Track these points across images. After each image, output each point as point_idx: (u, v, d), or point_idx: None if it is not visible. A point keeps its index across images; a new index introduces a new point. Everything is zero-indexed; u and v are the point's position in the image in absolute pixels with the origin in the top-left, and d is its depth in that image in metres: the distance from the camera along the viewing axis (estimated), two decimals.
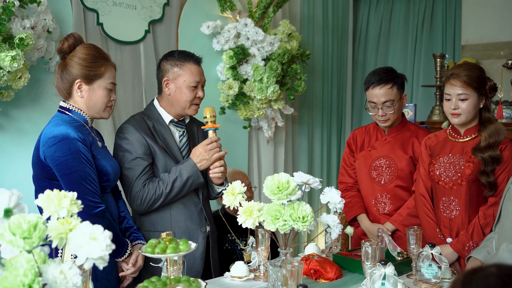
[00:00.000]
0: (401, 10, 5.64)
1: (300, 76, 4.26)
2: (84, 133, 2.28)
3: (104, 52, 2.41)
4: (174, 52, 2.73)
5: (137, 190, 2.52)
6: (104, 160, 2.33)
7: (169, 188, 2.53)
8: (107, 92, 2.35)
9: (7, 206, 1.31)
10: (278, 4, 4.12)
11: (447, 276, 2.31)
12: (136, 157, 2.53)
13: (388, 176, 3.00)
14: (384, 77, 2.94)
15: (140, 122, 2.63)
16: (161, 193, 2.52)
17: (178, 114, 2.70)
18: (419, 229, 2.34)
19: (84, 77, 2.31)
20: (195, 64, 2.67)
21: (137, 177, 2.52)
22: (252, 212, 2.04)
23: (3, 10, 2.60)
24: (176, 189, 2.54)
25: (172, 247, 1.69)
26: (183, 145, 2.71)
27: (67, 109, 2.34)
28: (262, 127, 4.34)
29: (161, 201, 2.54)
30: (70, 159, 2.17)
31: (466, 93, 2.56)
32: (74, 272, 1.29)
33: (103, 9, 3.39)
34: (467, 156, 2.60)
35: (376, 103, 2.94)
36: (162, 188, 2.52)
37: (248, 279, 2.31)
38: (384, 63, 5.58)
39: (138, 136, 2.56)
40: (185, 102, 2.64)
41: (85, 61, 2.30)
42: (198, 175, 2.57)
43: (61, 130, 2.21)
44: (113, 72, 2.39)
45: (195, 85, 2.64)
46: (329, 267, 2.34)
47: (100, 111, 2.36)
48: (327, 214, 2.20)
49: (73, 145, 2.18)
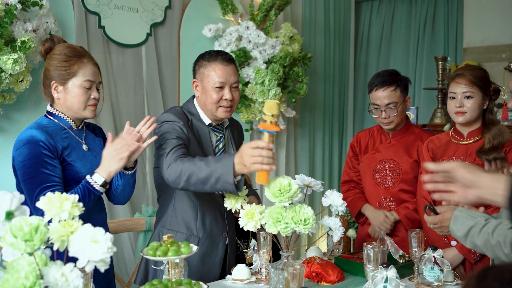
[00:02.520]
0: (403, 13, 5.64)
1: (301, 79, 4.27)
2: (59, 137, 2.19)
3: (80, 50, 2.26)
4: (207, 52, 2.57)
5: (169, 163, 2.24)
6: (81, 166, 2.23)
7: (196, 170, 2.17)
8: (84, 91, 2.21)
9: (9, 209, 1.31)
10: (280, 7, 4.13)
11: (449, 279, 2.30)
12: (172, 137, 2.34)
13: (392, 180, 2.99)
14: (387, 79, 2.94)
15: (180, 113, 2.47)
16: (191, 171, 2.18)
17: (213, 118, 2.52)
18: (421, 232, 2.33)
19: (58, 77, 2.21)
20: (221, 63, 2.47)
21: (169, 151, 2.28)
22: (254, 215, 2.04)
23: (5, 13, 2.61)
24: (203, 174, 2.15)
25: (173, 250, 1.69)
26: (219, 151, 2.55)
27: (51, 113, 2.26)
28: None
29: (186, 179, 2.19)
30: (28, 164, 2.09)
31: (471, 91, 2.57)
32: (76, 274, 1.29)
33: (105, 12, 3.40)
34: (471, 158, 2.60)
35: (380, 105, 2.94)
36: (193, 167, 2.17)
37: (250, 282, 2.30)
38: (386, 66, 5.58)
39: (178, 121, 2.40)
40: (211, 105, 2.46)
41: (57, 61, 2.21)
42: (227, 177, 2.09)
43: (27, 134, 2.13)
44: (90, 70, 2.24)
45: (220, 85, 2.44)
46: (331, 270, 2.34)
47: (79, 110, 2.23)
48: (329, 216, 2.19)
49: (34, 149, 2.09)
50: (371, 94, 2.99)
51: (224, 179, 2.08)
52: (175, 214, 2.50)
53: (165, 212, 2.52)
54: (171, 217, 2.50)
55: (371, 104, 3.00)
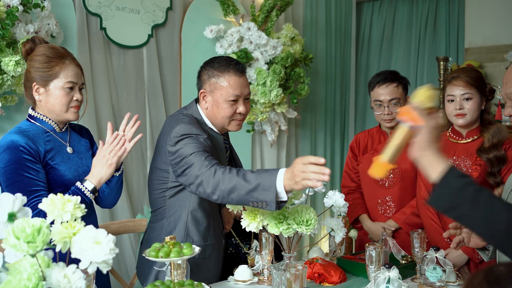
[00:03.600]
0: (404, 13, 5.64)
1: (303, 79, 4.26)
2: (41, 141, 2.15)
3: (61, 51, 2.20)
4: (215, 59, 2.39)
5: (203, 171, 2.04)
6: (65, 169, 2.19)
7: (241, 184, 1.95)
8: (65, 92, 2.16)
9: (11, 210, 1.31)
10: (281, 8, 4.13)
11: (451, 279, 2.29)
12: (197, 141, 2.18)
13: (392, 179, 2.99)
14: (389, 77, 3.00)
15: (194, 120, 2.31)
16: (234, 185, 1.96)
17: (221, 129, 2.41)
18: (424, 232, 2.33)
19: (39, 79, 2.15)
20: (235, 74, 2.31)
21: (197, 153, 2.10)
22: (256, 216, 2.03)
23: (7, 15, 2.61)
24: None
25: (175, 251, 1.69)
26: (226, 159, 2.50)
27: (32, 116, 2.22)
28: (266, 130, 4.34)
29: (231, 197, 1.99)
30: (9, 170, 2.05)
31: (470, 92, 2.58)
32: (78, 276, 1.29)
33: (106, 14, 3.40)
34: (472, 158, 2.60)
35: (382, 101, 2.96)
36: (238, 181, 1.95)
37: (252, 283, 2.30)
38: (387, 66, 5.57)
39: (202, 134, 2.24)
40: (223, 119, 2.33)
41: (38, 62, 2.15)
42: (268, 192, 1.88)
43: (7, 139, 2.09)
44: (72, 71, 2.17)
45: (235, 98, 2.30)
46: (333, 270, 2.34)
47: (61, 113, 2.18)
48: (331, 217, 2.19)
49: (14, 154, 2.06)
50: (373, 92, 3.02)
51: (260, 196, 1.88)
52: (187, 228, 2.35)
53: (173, 229, 2.36)
54: (183, 231, 2.36)
55: (373, 101, 3.01)
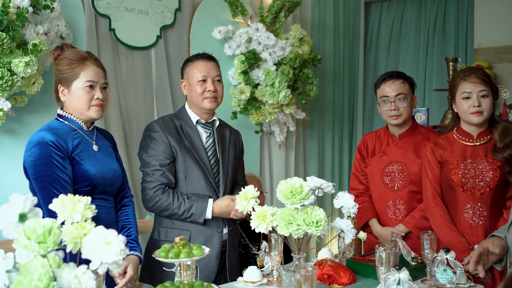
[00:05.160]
0: (412, 13, 5.62)
1: (311, 80, 4.26)
2: (69, 138, 2.26)
3: (83, 53, 2.35)
4: (190, 55, 2.83)
5: (148, 193, 2.62)
6: (90, 165, 2.29)
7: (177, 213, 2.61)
8: (86, 91, 2.29)
9: (22, 211, 1.31)
10: (289, 9, 4.12)
11: (462, 281, 2.28)
12: (153, 162, 2.62)
13: (401, 182, 2.96)
14: (395, 74, 3.00)
15: (167, 122, 2.71)
16: (172, 211, 2.61)
17: (201, 112, 2.74)
18: (434, 234, 2.31)
19: (63, 81, 2.30)
20: (203, 60, 2.74)
21: (149, 180, 2.62)
22: (265, 217, 2.03)
23: (17, 16, 2.62)
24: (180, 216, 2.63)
25: (185, 252, 1.68)
26: (209, 146, 2.73)
27: (61, 115, 2.34)
28: (274, 131, 4.33)
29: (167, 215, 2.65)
30: (39, 164, 2.17)
31: (486, 90, 2.55)
32: (88, 276, 1.28)
33: (115, 15, 3.41)
34: (489, 160, 2.57)
35: (389, 97, 2.94)
36: (174, 208, 2.60)
37: (261, 284, 2.30)
38: (395, 67, 5.55)
39: (162, 135, 2.64)
40: (196, 97, 2.70)
41: (61, 65, 2.30)
42: (200, 218, 2.61)
43: (38, 136, 2.22)
44: (92, 71, 2.31)
45: (203, 79, 2.69)
46: (343, 272, 2.33)
47: (83, 111, 2.31)
48: (341, 218, 2.18)
49: (44, 149, 2.18)
50: (379, 89, 3.00)
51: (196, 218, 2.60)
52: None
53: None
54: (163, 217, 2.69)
55: (380, 97, 2.99)
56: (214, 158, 2.73)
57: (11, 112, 2.76)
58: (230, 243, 2.74)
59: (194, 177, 2.65)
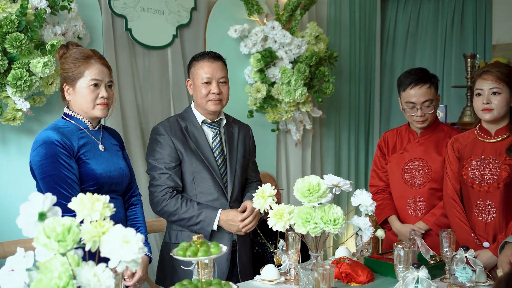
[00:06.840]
0: (429, 10, 5.57)
1: (328, 78, 4.24)
2: (75, 137, 2.26)
3: (87, 51, 2.32)
4: (197, 54, 2.77)
5: (156, 197, 2.63)
6: (96, 164, 2.29)
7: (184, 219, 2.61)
8: (90, 90, 2.27)
9: (41, 210, 1.32)
10: (305, 7, 4.11)
11: (481, 280, 2.25)
12: (159, 165, 2.63)
13: (422, 179, 2.94)
14: (421, 77, 2.89)
15: (172, 123, 2.70)
16: (177, 215, 2.61)
17: (206, 113, 2.71)
18: (453, 232, 2.29)
19: (68, 80, 2.29)
20: (209, 60, 2.67)
21: (156, 183, 2.62)
22: (283, 215, 2.02)
23: (35, 17, 2.65)
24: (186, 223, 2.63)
25: (203, 250, 1.69)
26: (215, 146, 2.71)
27: (67, 114, 2.33)
28: (290, 130, 4.33)
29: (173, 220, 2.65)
30: (45, 163, 2.17)
31: (498, 87, 2.52)
32: (107, 274, 1.29)
33: (131, 15, 3.43)
34: (502, 157, 2.54)
35: (415, 103, 2.88)
36: (181, 213, 2.60)
37: (279, 283, 2.30)
38: (412, 64, 5.49)
39: (167, 138, 2.63)
40: (201, 99, 2.66)
41: (66, 64, 2.29)
42: (208, 227, 2.60)
43: (44, 135, 2.21)
44: (97, 69, 2.29)
45: (207, 80, 2.64)
46: (361, 270, 2.32)
47: (88, 110, 2.30)
48: (358, 216, 2.17)
49: (50, 149, 2.17)
50: (404, 93, 2.92)
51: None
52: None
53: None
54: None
55: (405, 103, 2.93)
56: (222, 157, 2.71)
57: (30, 112, 2.79)
58: (240, 243, 2.73)
59: (201, 179, 2.64)
